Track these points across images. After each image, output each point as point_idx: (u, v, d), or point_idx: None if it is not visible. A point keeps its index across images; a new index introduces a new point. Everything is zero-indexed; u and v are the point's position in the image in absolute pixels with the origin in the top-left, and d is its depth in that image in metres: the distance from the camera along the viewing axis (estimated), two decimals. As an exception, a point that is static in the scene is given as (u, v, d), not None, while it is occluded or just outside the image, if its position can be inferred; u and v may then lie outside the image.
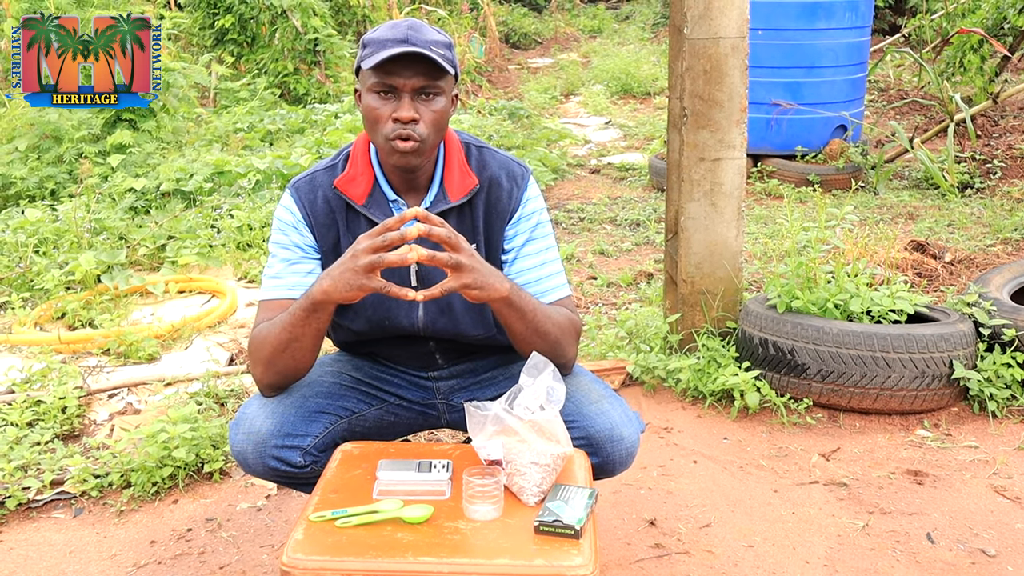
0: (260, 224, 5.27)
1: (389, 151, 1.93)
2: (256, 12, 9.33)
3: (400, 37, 1.87)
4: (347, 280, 1.74)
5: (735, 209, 3.44)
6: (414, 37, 1.87)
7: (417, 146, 1.91)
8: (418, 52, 1.85)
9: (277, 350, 1.91)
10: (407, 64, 1.86)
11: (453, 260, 1.75)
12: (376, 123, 1.92)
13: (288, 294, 1.99)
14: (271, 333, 1.91)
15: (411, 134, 1.90)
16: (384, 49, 1.86)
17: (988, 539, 2.54)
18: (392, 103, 1.90)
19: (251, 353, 1.97)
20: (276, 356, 1.92)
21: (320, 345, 1.94)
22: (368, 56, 1.89)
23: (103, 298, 4.47)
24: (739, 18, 3.28)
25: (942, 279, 4.41)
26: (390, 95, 1.90)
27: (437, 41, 1.90)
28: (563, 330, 1.99)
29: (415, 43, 1.86)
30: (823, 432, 3.17)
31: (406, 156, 1.92)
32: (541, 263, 2.07)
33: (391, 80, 1.88)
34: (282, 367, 1.95)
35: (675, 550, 2.51)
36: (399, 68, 1.87)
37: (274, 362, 1.93)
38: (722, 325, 3.53)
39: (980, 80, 7.43)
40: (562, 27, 15.97)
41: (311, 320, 1.85)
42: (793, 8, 6.34)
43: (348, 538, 1.62)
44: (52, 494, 2.83)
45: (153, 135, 6.59)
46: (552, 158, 7.34)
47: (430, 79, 1.89)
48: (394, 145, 1.91)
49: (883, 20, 12.74)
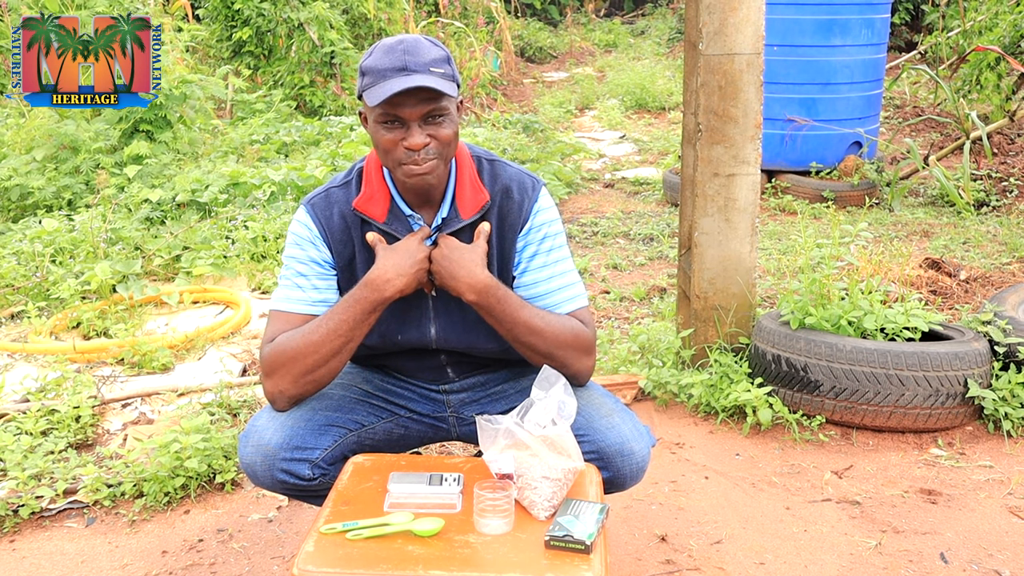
0: (275, 235, 5.30)
1: (404, 175, 1.93)
2: (273, 25, 9.40)
3: (398, 65, 1.85)
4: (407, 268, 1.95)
5: (749, 225, 3.44)
6: (412, 63, 1.85)
7: (432, 167, 1.92)
8: (419, 86, 1.83)
9: (324, 357, 1.93)
10: (410, 94, 1.85)
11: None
12: (388, 152, 1.92)
13: (307, 309, 2.00)
14: (309, 342, 1.92)
15: (424, 157, 1.90)
16: (384, 81, 1.85)
17: (1003, 560, 2.52)
18: (400, 131, 1.90)
19: (274, 366, 1.96)
20: (319, 364, 1.94)
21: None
22: (369, 88, 1.88)
23: (118, 308, 4.49)
24: (754, 34, 3.29)
25: (957, 297, 4.38)
26: (397, 123, 1.89)
27: (435, 59, 1.88)
28: (561, 343, 1.99)
29: (414, 69, 1.85)
30: (836, 449, 3.16)
31: (422, 178, 1.93)
32: (551, 275, 2.07)
33: (396, 111, 1.87)
34: (319, 376, 1.96)
35: (686, 566, 2.50)
36: (403, 99, 1.85)
37: (312, 371, 1.95)
38: (735, 341, 3.52)
39: (997, 98, 7.42)
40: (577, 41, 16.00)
41: (369, 319, 1.95)
42: (809, 25, 6.35)
43: (359, 551, 1.62)
44: (65, 503, 2.85)
45: (170, 146, 6.64)
46: (566, 172, 7.35)
47: (435, 103, 1.88)
48: (406, 169, 1.92)
49: (899, 37, 12.75)
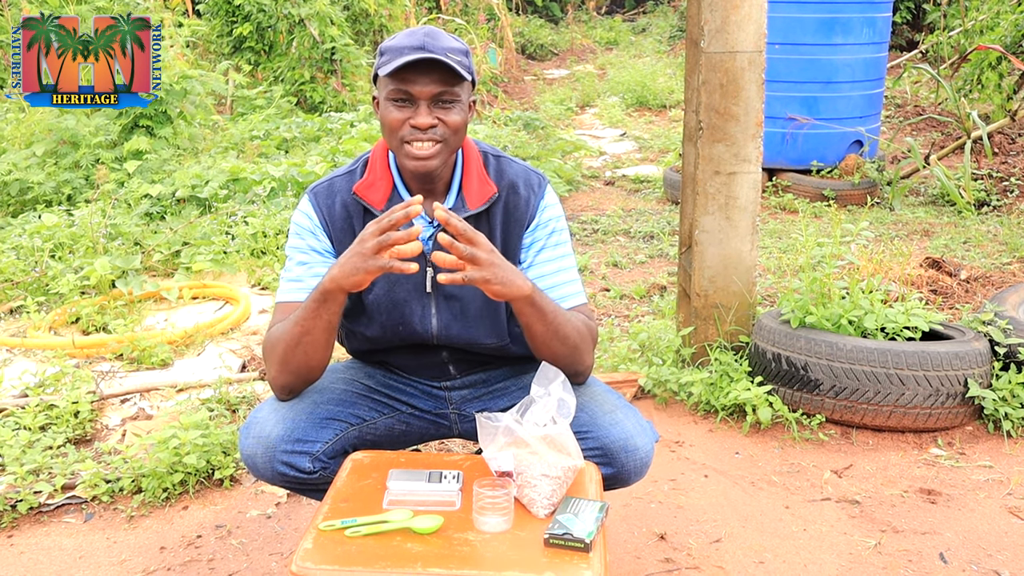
0: (275, 231, 5.29)
1: (406, 157, 1.94)
2: (274, 21, 9.39)
3: (417, 44, 1.88)
4: (354, 264, 1.76)
5: (750, 223, 3.43)
6: (431, 44, 1.88)
7: (435, 151, 1.92)
8: (434, 59, 1.85)
9: (290, 347, 1.92)
10: (423, 71, 1.87)
11: (468, 252, 1.75)
12: (393, 130, 1.92)
13: (304, 297, 2.00)
14: (284, 330, 1.92)
15: (429, 140, 1.90)
16: (400, 56, 1.87)
17: (1002, 560, 2.52)
18: (409, 110, 1.91)
19: (265, 354, 1.99)
20: (289, 353, 1.93)
21: (332, 341, 1.95)
22: (385, 63, 1.90)
23: (117, 303, 4.49)
24: (756, 32, 3.28)
25: (957, 297, 4.38)
26: (407, 102, 1.91)
27: (454, 48, 1.91)
28: (582, 336, 1.99)
29: (432, 50, 1.87)
30: (835, 449, 3.15)
31: (423, 161, 1.93)
32: (557, 270, 2.07)
33: (408, 87, 1.89)
34: (295, 365, 1.95)
35: (685, 565, 2.50)
36: (415, 75, 1.87)
37: (287, 360, 1.94)
38: (735, 339, 3.52)
39: (998, 97, 7.41)
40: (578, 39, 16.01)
41: (321, 311, 1.86)
42: (810, 23, 6.34)
43: (357, 548, 1.62)
44: (63, 498, 2.84)
45: (170, 142, 6.63)
46: (567, 169, 7.35)
47: (447, 85, 1.89)
48: (410, 151, 1.92)
49: (900, 36, 12.75)
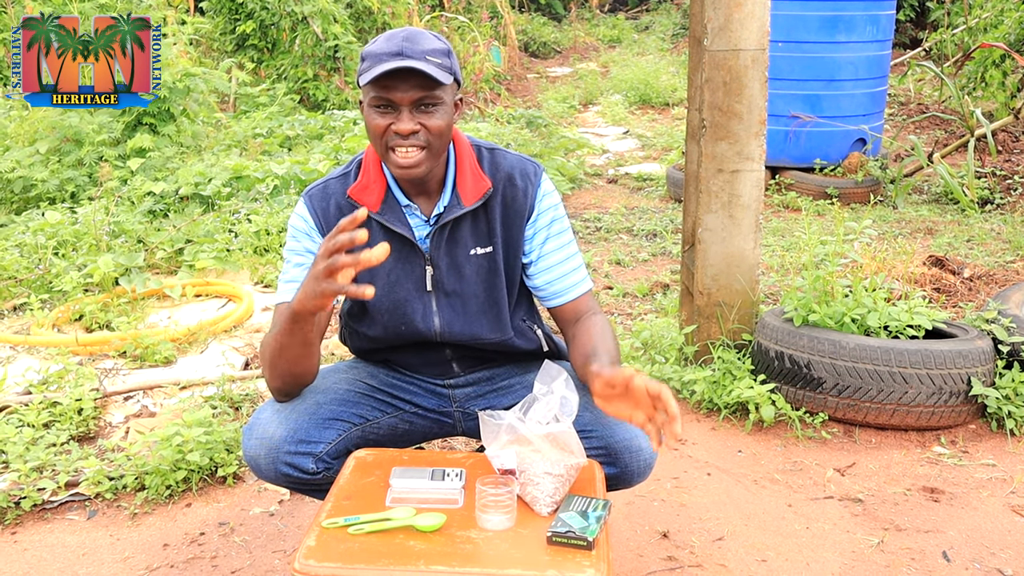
0: (277, 229, 5.29)
1: (392, 164, 1.94)
2: (277, 18, 9.39)
3: (395, 50, 1.85)
4: (311, 288, 1.71)
5: (752, 221, 3.43)
6: (409, 49, 1.86)
7: (420, 159, 1.92)
8: (412, 67, 1.83)
9: (275, 355, 1.93)
10: (403, 78, 1.85)
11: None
12: (378, 136, 1.92)
13: None
14: (269, 339, 1.94)
15: (413, 146, 1.90)
16: (379, 64, 1.85)
17: (1005, 559, 2.51)
18: (392, 116, 1.90)
19: (259, 357, 2.02)
20: (275, 361, 1.95)
21: (314, 353, 1.94)
22: (365, 71, 1.88)
23: (120, 301, 4.49)
24: (759, 30, 3.27)
25: (961, 295, 4.37)
26: (389, 109, 1.90)
27: (434, 50, 1.88)
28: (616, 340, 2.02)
29: (410, 55, 1.85)
30: (838, 447, 3.15)
31: (408, 170, 1.93)
32: (565, 258, 2.10)
33: (388, 95, 1.87)
34: (280, 372, 1.96)
35: (688, 563, 2.50)
36: (396, 82, 1.86)
37: (275, 367, 1.96)
38: (738, 337, 3.51)
39: (1002, 95, 7.40)
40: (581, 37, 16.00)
41: (295, 331, 1.84)
42: (814, 21, 6.33)
43: (360, 545, 1.62)
44: (67, 495, 2.85)
45: (173, 139, 6.63)
46: (570, 167, 7.34)
47: (427, 91, 1.88)
48: (395, 159, 1.92)
49: (904, 34, 12.72)
